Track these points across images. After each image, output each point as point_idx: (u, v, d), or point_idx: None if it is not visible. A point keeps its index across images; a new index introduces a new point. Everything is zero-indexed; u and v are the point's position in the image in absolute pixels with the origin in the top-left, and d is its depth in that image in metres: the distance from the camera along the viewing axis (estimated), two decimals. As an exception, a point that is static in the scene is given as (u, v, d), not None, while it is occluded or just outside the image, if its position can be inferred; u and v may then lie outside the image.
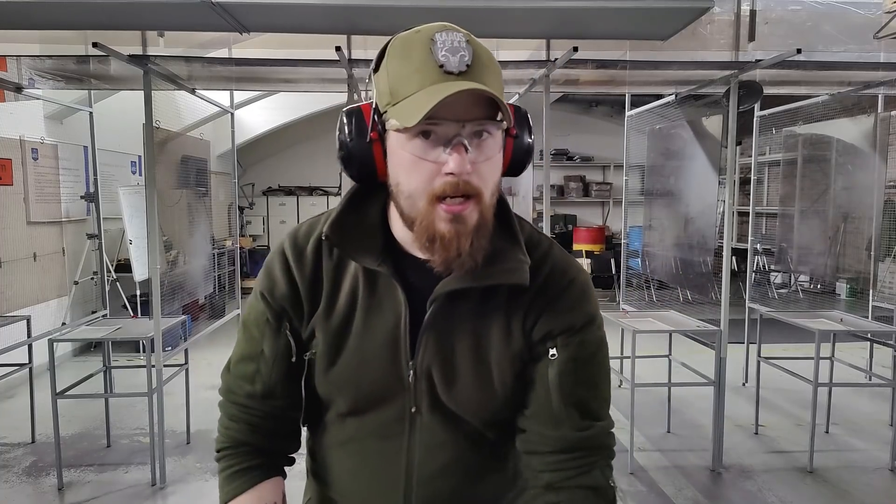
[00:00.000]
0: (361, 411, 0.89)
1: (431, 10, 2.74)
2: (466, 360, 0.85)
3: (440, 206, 0.76)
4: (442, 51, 0.75)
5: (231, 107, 4.76)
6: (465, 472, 0.90)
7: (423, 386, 0.86)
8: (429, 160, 0.76)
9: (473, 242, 0.78)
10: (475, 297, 0.85)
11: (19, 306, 4.21)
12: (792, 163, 4.70)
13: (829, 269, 4.34)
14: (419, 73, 0.75)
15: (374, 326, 0.85)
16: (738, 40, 3.77)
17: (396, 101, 0.76)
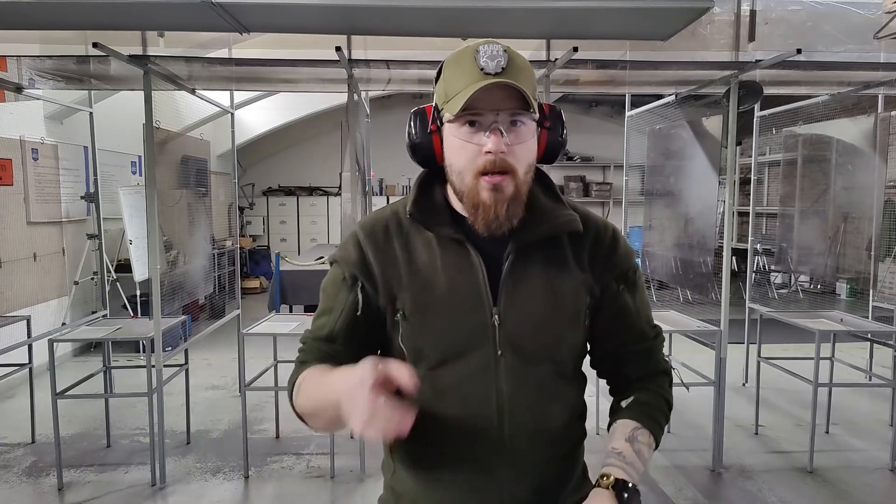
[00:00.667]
0: (453, 360, 1.02)
1: (431, 10, 2.73)
2: (542, 303, 1.03)
3: (482, 179, 0.96)
4: (483, 58, 0.94)
5: (231, 107, 4.76)
6: (546, 402, 1.05)
7: (507, 331, 1.02)
8: (473, 143, 0.96)
9: (509, 209, 0.98)
10: (541, 250, 1.04)
11: (19, 306, 4.21)
12: (792, 163, 4.70)
13: (829, 269, 4.34)
14: (466, 75, 0.95)
15: (458, 284, 1.01)
16: (738, 40, 3.77)
17: (449, 98, 0.97)
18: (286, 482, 3.33)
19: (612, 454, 1.03)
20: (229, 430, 4.05)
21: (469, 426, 1.01)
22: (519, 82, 0.93)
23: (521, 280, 1.03)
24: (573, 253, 1.06)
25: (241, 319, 4.56)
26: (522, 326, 1.02)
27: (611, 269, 1.08)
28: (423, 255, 1.03)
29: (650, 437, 1.08)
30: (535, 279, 1.03)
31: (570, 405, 1.09)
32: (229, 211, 7.47)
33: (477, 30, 3.18)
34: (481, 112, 0.95)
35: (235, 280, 4.93)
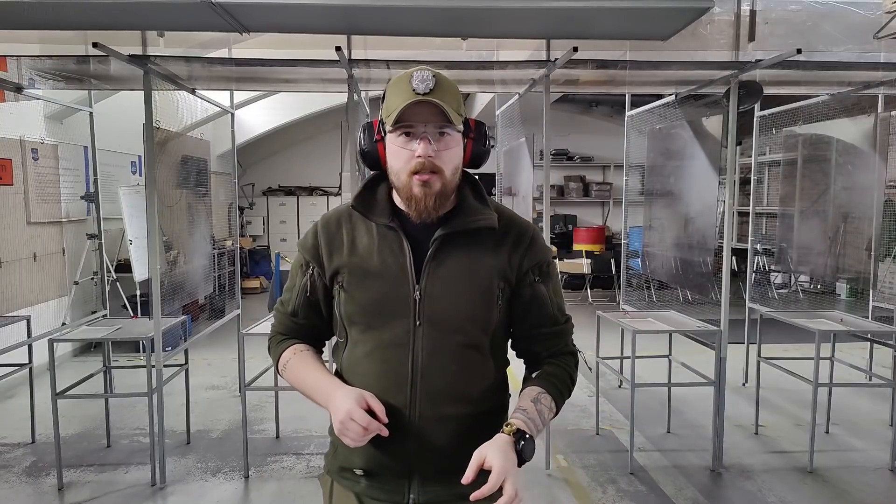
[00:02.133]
0: (379, 326, 1.23)
1: (431, 10, 2.74)
2: (458, 283, 1.22)
3: (415, 177, 1.17)
4: (415, 81, 1.15)
5: (231, 107, 4.76)
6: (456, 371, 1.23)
7: (426, 305, 1.21)
8: (407, 149, 1.18)
9: (436, 201, 1.19)
10: (463, 239, 1.23)
11: (19, 306, 4.21)
12: (792, 163, 4.70)
13: (829, 269, 4.34)
14: (401, 94, 1.16)
15: (388, 263, 1.23)
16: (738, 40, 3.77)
17: (388, 113, 1.18)
18: (286, 482, 3.33)
19: (517, 410, 1.21)
20: (229, 430, 4.05)
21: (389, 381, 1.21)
22: (443, 100, 1.14)
23: (441, 263, 1.22)
24: (493, 245, 1.25)
25: (241, 319, 4.56)
26: (439, 301, 1.21)
27: (528, 261, 1.27)
28: (363, 239, 1.26)
29: (552, 401, 1.25)
30: (455, 263, 1.23)
31: (481, 374, 1.26)
32: (229, 211, 7.47)
33: (477, 30, 3.19)
34: (413, 124, 1.16)
35: (235, 280, 4.93)
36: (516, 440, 1.14)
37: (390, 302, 1.22)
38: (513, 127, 4.75)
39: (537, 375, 1.30)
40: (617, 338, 4.27)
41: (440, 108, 1.15)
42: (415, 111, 1.14)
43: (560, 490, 3.25)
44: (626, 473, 3.41)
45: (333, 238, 1.28)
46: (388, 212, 1.25)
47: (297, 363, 1.31)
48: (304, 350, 1.33)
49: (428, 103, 1.14)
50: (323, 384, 1.24)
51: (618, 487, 3.27)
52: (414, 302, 1.21)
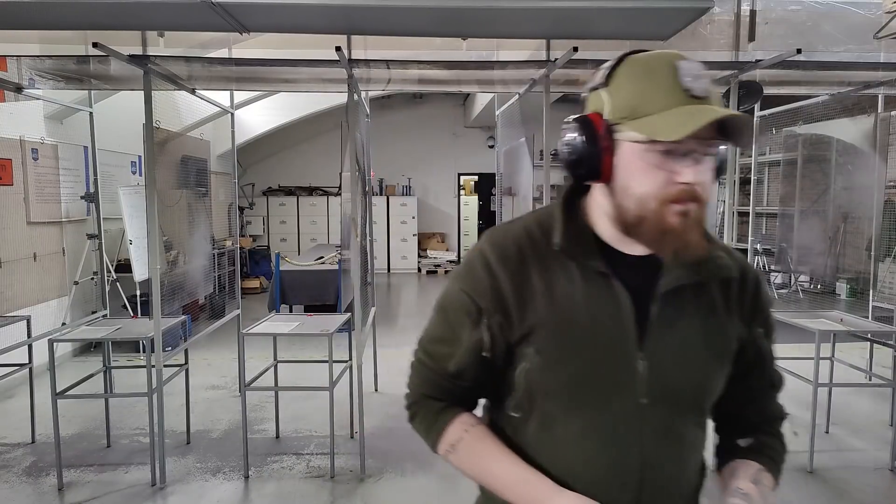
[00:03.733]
0: (591, 403, 0.93)
1: (431, 10, 2.74)
2: (694, 349, 0.95)
3: (671, 205, 0.87)
4: (687, 77, 0.87)
5: (231, 107, 4.76)
6: (687, 458, 0.99)
7: (654, 376, 0.92)
8: (665, 169, 0.86)
9: (699, 232, 0.89)
10: (693, 292, 0.95)
11: (19, 306, 4.21)
12: (792, 163, 4.71)
13: (829, 269, 4.35)
14: (667, 95, 0.86)
15: (601, 321, 0.92)
16: (738, 40, 3.77)
17: (638, 116, 0.87)
18: (286, 482, 3.33)
19: (737, 493, 0.95)
20: (229, 430, 4.05)
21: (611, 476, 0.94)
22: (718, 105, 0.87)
23: (673, 321, 0.93)
24: (724, 297, 0.98)
25: (241, 319, 4.56)
26: (673, 372, 0.93)
27: (756, 314, 1.02)
28: (562, 285, 0.93)
29: (772, 480, 1.03)
30: (689, 321, 0.95)
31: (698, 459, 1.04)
32: (229, 211, 7.47)
33: (477, 30, 3.19)
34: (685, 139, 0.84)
35: (235, 280, 4.93)
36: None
37: (607, 373, 0.92)
38: (513, 127, 4.75)
39: (751, 447, 1.06)
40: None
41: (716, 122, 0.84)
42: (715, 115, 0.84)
43: (560, 490, 3.25)
44: (626, 473, 3.41)
45: (520, 278, 0.94)
46: (598, 250, 0.94)
47: (473, 445, 0.98)
48: (476, 426, 1.00)
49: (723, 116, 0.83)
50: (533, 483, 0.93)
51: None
52: (638, 373, 0.92)
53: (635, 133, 0.87)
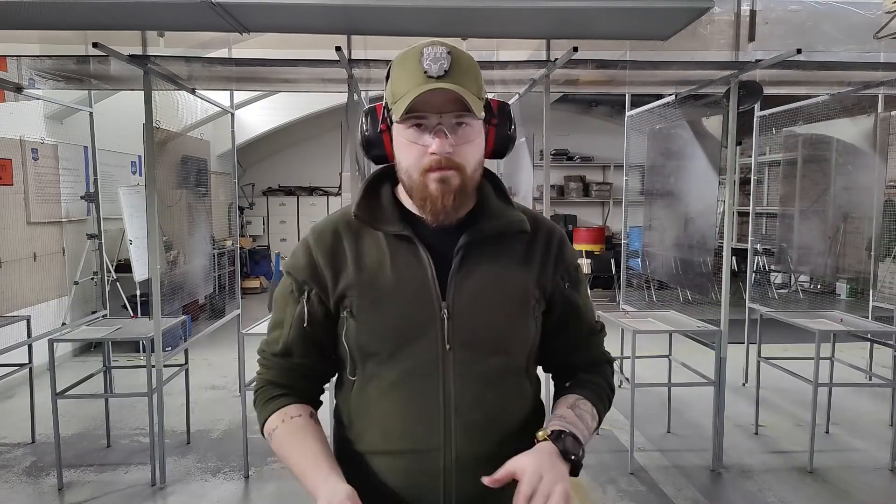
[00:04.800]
0: (401, 355, 1.03)
1: (431, 10, 2.74)
2: (492, 296, 1.04)
3: (430, 174, 0.98)
4: (426, 61, 0.95)
5: (231, 107, 4.76)
6: (494, 400, 1.05)
7: (455, 323, 1.02)
8: (419, 143, 0.98)
9: (456, 199, 0.99)
10: (490, 246, 1.05)
11: (19, 306, 4.21)
12: (792, 163, 4.70)
13: (829, 269, 4.34)
14: (410, 78, 0.96)
15: (405, 278, 1.03)
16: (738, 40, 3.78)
17: (395, 100, 0.98)
18: (286, 482, 3.33)
19: (553, 418, 1.05)
20: (229, 430, 4.05)
21: (417, 420, 1.02)
22: (463, 84, 0.95)
23: (470, 274, 1.04)
24: (522, 252, 1.08)
25: (241, 319, 4.56)
26: (472, 319, 1.03)
27: (558, 267, 1.11)
28: (371, 253, 1.05)
29: (593, 408, 1.08)
30: (485, 273, 1.04)
31: (519, 402, 1.09)
32: (229, 211, 7.47)
33: (477, 30, 3.19)
34: (426, 115, 0.96)
35: (235, 280, 4.93)
36: (555, 439, 0.97)
37: (413, 325, 1.02)
38: (513, 127, 4.74)
39: (572, 384, 1.14)
40: (617, 338, 4.27)
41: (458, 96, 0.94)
42: (427, 99, 0.94)
43: (560, 490, 3.25)
44: (626, 473, 3.41)
45: (334, 253, 1.05)
46: (398, 217, 1.05)
47: (282, 435, 1.04)
48: (295, 417, 1.05)
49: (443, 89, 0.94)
50: (309, 472, 0.98)
51: (618, 487, 3.27)
52: (441, 322, 1.01)
53: (396, 116, 0.98)
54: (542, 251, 1.10)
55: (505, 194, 1.11)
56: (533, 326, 1.08)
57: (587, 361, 1.17)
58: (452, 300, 1.02)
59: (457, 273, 1.03)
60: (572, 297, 1.13)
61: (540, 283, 1.08)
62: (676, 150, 4.05)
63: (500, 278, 1.05)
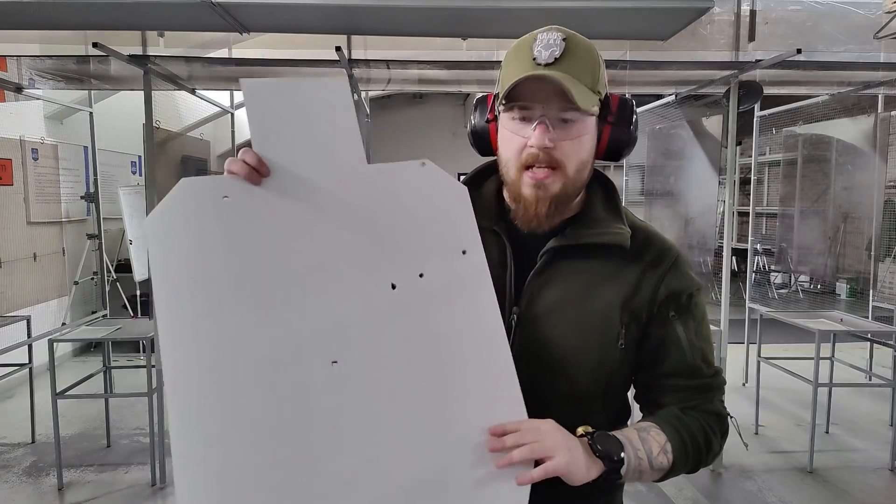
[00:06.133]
0: None
1: (431, 10, 2.74)
2: (568, 310, 0.94)
3: (526, 173, 0.91)
4: (538, 47, 0.89)
5: (231, 107, 4.76)
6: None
7: (524, 332, 0.94)
8: (520, 135, 0.91)
9: (550, 206, 0.92)
10: (583, 258, 0.96)
11: (19, 306, 4.21)
12: (792, 163, 4.71)
13: (829, 269, 4.35)
14: (519, 64, 0.90)
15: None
16: (738, 40, 3.77)
17: (503, 87, 0.91)
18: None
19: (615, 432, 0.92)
20: (229, 430, 4.04)
21: None
22: (573, 74, 0.87)
23: (549, 282, 0.95)
24: (617, 267, 0.96)
25: (241, 319, 4.56)
26: (543, 331, 0.94)
27: (664, 290, 0.97)
28: None
29: (666, 442, 0.92)
30: (566, 284, 0.95)
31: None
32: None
33: (477, 30, 3.19)
34: (530, 105, 0.90)
35: (235, 280, 4.92)
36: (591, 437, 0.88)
37: None
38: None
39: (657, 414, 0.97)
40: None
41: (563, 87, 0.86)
42: (532, 88, 0.87)
43: (560, 490, 3.25)
44: (626, 473, 3.41)
45: None
46: (494, 212, 0.99)
47: None
48: None
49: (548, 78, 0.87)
50: None
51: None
52: (509, 327, 0.93)
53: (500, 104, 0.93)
54: (644, 271, 0.97)
55: (616, 203, 1.01)
56: (614, 356, 0.95)
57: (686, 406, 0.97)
58: (525, 307, 0.95)
59: (535, 279, 0.95)
60: (674, 327, 0.97)
61: (632, 305, 0.95)
62: (676, 150, 4.05)
63: (582, 293, 0.95)
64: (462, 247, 0.92)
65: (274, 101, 0.90)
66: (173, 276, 0.86)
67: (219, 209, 0.86)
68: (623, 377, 1.00)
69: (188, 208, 0.86)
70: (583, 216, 0.98)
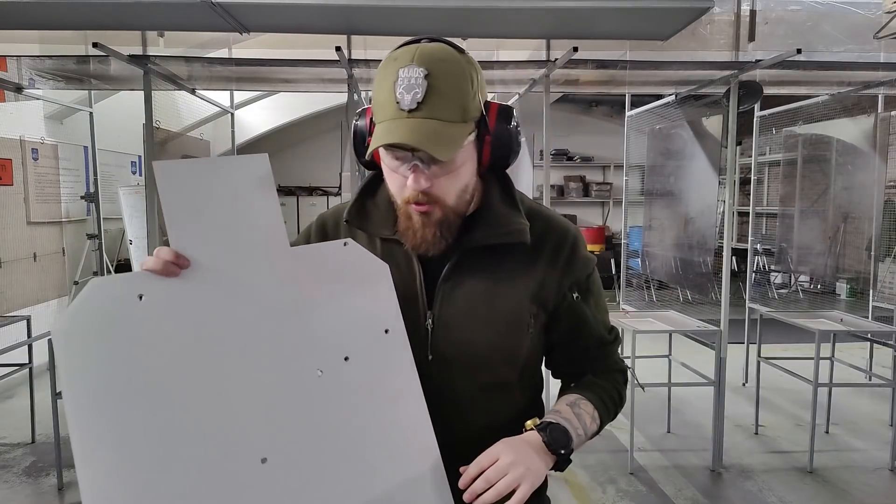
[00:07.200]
0: None
1: (431, 10, 2.74)
2: (480, 309, 0.99)
3: (410, 206, 0.94)
4: (399, 88, 0.88)
5: (231, 107, 4.76)
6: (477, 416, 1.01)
7: (439, 335, 0.99)
8: (398, 173, 0.94)
9: (437, 233, 0.95)
10: (487, 256, 0.99)
11: (19, 306, 4.21)
12: (792, 163, 4.71)
13: (829, 269, 4.34)
14: (383, 105, 0.90)
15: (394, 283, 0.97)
16: (738, 40, 3.78)
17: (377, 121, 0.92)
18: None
19: (548, 413, 1.00)
20: (229, 430, 4.04)
21: None
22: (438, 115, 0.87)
23: (459, 285, 0.99)
24: (524, 260, 1.01)
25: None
26: (457, 332, 0.98)
27: (565, 277, 1.03)
28: None
29: (594, 411, 1.02)
30: (475, 284, 0.99)
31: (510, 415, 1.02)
32: (229, 211, 7.47)
33: (477, 30, 3.19)
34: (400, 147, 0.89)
35: (235, 280, 4.92)
36: (540, 429, 0.93)
37: None
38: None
39: (577, 384, 1.07)
40: (617, 338, 4.26)
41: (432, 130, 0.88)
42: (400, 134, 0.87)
43: (560, 490, 3.25)
44: (626, 473, 3.41)
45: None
46: (392, 222, 1.00)
47: None
48: None
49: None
50: None
51: (618, 487, 3.27)
52: (426, 331, 0.99)
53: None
54: (548, 260, 1.02)
55: (512, 196, 1.03)
56: (526, 343, 1.03)
57: (595, 372, 1.09)
58: (438, 311, 0.99)
59: (444, 283, 0.99)
60: (580, 309, 1.05)
61: (539, 296, 1.02)
62: (676, 150, 4.05)
63: (491, 292, 0.99)
64: (385, 325, 0.94)
65: (190, 184, 0.85)
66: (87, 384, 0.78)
67: (133, 310, 0.80)
68: (536, 358, 1.08)
69: (100, 311, 0.80)
70: (483, 213, 1.00)
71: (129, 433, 0.79)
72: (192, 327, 0.83)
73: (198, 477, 0.80)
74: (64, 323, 0.79)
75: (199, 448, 0.81)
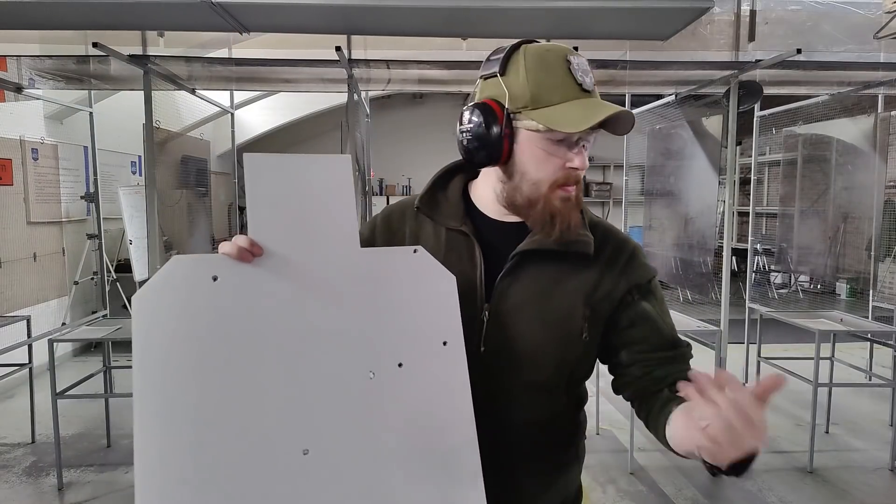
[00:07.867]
0: None
1: (431, 10, 2.73)
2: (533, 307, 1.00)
3: (559, 189, 0.97)
4: (578, 72, 0.94)
5: (231, 107, 4.76)
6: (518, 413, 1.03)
7: (493, 329, 1.00)
8: (557, 156, 0.96)
9: (574, 215, 0.99)
10: (546, 257, 1.01)
11: (19, 306, 4.21)
12: (792, 163, 4.71)
13: (829, 269, 4.34)
14: (562, 87, 0.94)
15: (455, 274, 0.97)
16: (738, 40, 3.77)
17: (538, 106, 0.94)
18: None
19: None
20: (229, 430, 4.04)
21: None
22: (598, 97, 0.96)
23: (517, 282, 1.01)
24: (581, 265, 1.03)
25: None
26: (510, 328, 1.00)
27: (625, 281, 1.04)
28: (429, 244, 1.03)
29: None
30: (534, 283, 1.01)
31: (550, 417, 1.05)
32: (229, 211, 7.47)
33: (477, 30, 3.18)
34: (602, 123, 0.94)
35: (235, 280, 4.92)
36: None
37: None
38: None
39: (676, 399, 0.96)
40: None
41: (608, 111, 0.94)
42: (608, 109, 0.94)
43: (560, 490, 3.25)
44: (626, 473, 3.41)
45: (392, 234, 1.09)
46: (461, 214, 1.05)
47: None
48: None
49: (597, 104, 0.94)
50: None
51: (618, 487, 3.27)
52: (481, 323, 1.01)
53: (533, 122, 0.94)
54: (606, 264, 1.04)
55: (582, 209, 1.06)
56: (576, 349, 1.03)
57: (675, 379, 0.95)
58: (495, 304, 1.01)
59: (504, 278, 1.01)
60: (643, 308, 1.04)
61: (593, 298, 1.02)
62: (676, 150, 4.05)
63: (546, 293, 1.01)
64: (444, 337, 0.94)
65: (273, 177, 0.89)
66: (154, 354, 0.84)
67: (207, 289, 0.86)
68: (585, 367, 1.07)
69: (177, 287, 0.85)
70: None
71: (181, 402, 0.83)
72: (259, 313, 0.87)
73: (240, 458, 0.84)
74: (145, 292, 0.84)
75: (245, 431, 0.84)
